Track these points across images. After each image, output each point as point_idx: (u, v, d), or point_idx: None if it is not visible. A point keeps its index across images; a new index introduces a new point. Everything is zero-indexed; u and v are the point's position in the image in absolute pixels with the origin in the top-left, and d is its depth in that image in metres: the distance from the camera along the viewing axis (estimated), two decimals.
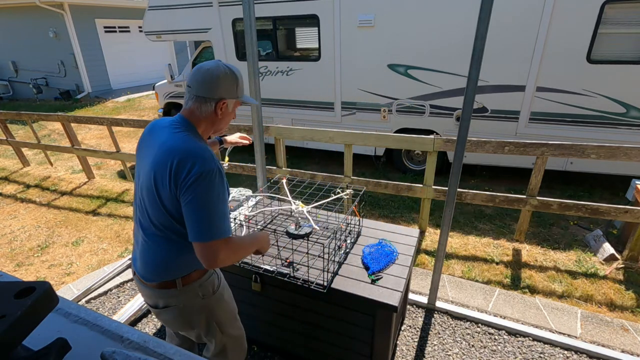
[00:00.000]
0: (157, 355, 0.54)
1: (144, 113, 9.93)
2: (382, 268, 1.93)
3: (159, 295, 1.39)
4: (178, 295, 1.38)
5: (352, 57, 4.85)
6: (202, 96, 1.30)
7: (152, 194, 1.26)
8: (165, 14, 5.99)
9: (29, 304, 0.43)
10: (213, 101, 1.30)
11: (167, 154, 1.21)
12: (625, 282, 2.92)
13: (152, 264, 1.35)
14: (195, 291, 1.40)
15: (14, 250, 3.75)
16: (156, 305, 1.43)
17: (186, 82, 1.35)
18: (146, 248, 1.34)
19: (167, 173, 1.20)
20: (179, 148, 1.22)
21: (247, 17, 2.28)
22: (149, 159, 1.27)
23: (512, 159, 4.42)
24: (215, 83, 1.28)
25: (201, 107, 1.31)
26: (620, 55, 3.79)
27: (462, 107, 1.93)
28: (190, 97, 1.32)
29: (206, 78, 1.28)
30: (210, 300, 1.45)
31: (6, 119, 5.97)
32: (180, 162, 1.19)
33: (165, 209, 1.25)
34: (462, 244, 3.50)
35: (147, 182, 1.27)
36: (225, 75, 1.30)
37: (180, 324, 1.45)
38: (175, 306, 1.39)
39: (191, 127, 1.32)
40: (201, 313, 1.44)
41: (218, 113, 1.33)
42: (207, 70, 1.28)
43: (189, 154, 1.20)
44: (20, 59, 12.54)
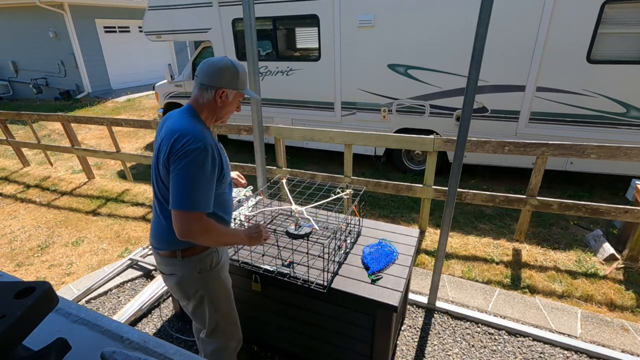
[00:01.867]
0: (157, 355, 0.54)
1: (144, 113, 9.93)
2: (382, 268, 1.93)
3: (164, 262, 1.55)
4: (178, 264, 1.52)
5: (352, 57, 4.85)
6: (204, 84, 1.44)
7: (156, 170, 1.42)
8: (165, 14, 5.99)
9: (29, 304, 0.43)
10: (213, 89, 1.44)
11: (170, 134, 1.35)
12: (625, 282, 2.91)
13: (156, 234, 1.52)
14: (194, 264, 1.52)
15: (14, 250, 3.75)
16: (163, 270, 1.59)
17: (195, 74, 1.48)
18: (155, 218, 1.53)
19: (166, 149, 1.34)
20: (179, 128, 1.36)
21: (247, 17, 2.28)
22: (158, 141, 1.43)
23: (512, 159, 4.42)
24: (216, 73, 1.42)
25: (203, 94, 1.45)
26: (620, 55, 3.79)
27: (462, 107, 1.93)
28: (196, 85, 1.47)
29: (210, 68, 1.43)
30: (206, 275, 1.56)
31: (6, 119, 5.97)
32: (178, 138, 1.33)
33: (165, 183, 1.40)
34: (462, 244, 3.50)
35: (155, 159, 1.43)
36: (226, 67, 1.43)
37: (179, 292, 1.59)
38: (176, 274, 1.54)
39: (194, 112, 1.47)
40: (197, 285, 1.56)
41: (218, 101, 1.46)
42: (212, 62, 1.43)
43: (185, 131, 1.34)
44: (20, 59, 12.54)
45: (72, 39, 11.25)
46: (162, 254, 1.54)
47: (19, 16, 11.67)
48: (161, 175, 1.40)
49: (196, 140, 1.32)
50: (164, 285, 2.84)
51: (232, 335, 1.76)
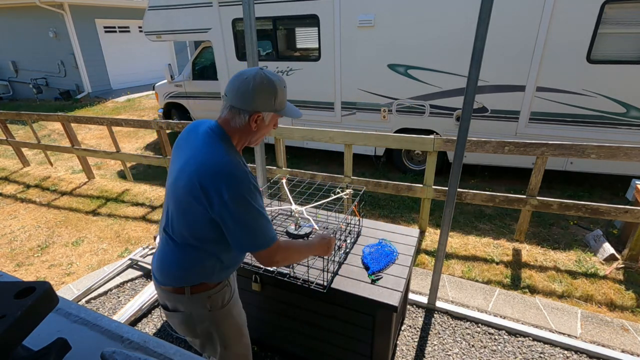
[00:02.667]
0: (157, 355, 0.54)
1: (144, 113, 9.93)
2: (382, 268, 1.93)
3: (167, 298, 1.39)
4: (186, 302, 1.36)
5: (352, 57, 4.85)
6: (236, 107, 1.23)
7: (178, 202, 1.24)
8: (165, 14, 5.99)
9: (29, 304, 0.43)
10: (247, 113, 1.23)
11: (198, 169, 1.18)
12: (625, 282, 2.91)
13: (165, 269, 1.34)
14: (203, 302, 1.36)
15: (14, 250, 3.75)
16: (165, 306, 1.43)
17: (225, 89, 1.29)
18: (164, 251, 1.35)
19: (198, 190, 1.17)
20: (209, 165, 1.18)
21: (247, 17, 2.28)
22: (179, 165, 1.25)
23: (512, 159, 4.42)
24: (250, 94, 1.21)
25: (235, 118, 1.25)
26: (620, 55, 3.79)
27: (462, 107, 1.93)
28: (225, 106, 1.26)
29: (242, 88, 1.21)
30: (217, 314, 1.41)
31: (6, 119, 5.97)
32: (212, 182, 1.16)
33: (191, 221, 1.24)
34: (462, 244, 3.50)
35: (174, 189, 1.25)
36: (262, 86, 1.21)
37: (185, 330, 1.44)
38: (182, 312, 1.38)
39: (226, 137, 1.26)
40: (206, 324, 1.41)
41: (252, 126, 1.26)
42: (245, 80, 1.21)
43: (219, 173, 1.17)
44: (20, 59, 12.54)
45: (72, 39, 11.25)
46: (167, 289, 1.36)
47: (19, 16, 11.67)
48: (186, 208, 1.23)
49: (235, 184, 1.16)
50: None
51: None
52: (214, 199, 1.16)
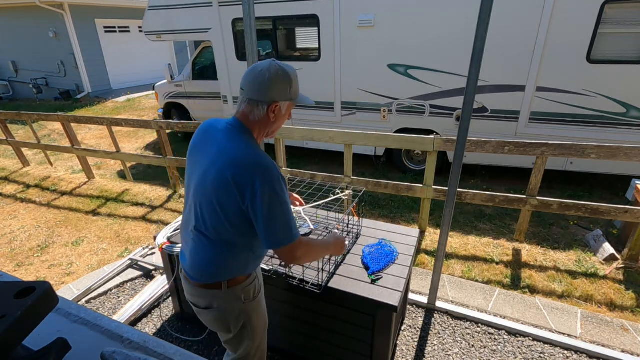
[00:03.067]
0: (157, 355, 0.54)
1: (144, 113, 9.93)
2: (382, 268, 1.93)
3: (201, 295, 1.40)
4: (221, 296, 1.38)
5: (352, 57, 4.85)
6: (254, 99, 1.26)
7: (209, 199, 1.25)
8: (165, 14, 5.99)
9: (29, 304, 0.43)
10: (265, 104, 1.27)
11: (228, 163, 1.21)
12: (625, 282, 2.91)
13: (201, 266, 1.35)
14: (238, 294, 1.39)
15: (14, 250, 3.75)
16: (197, 304, 1.43)
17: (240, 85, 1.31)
18: (197, 249, 1.34)
19: (230, 184, 1.19)
20: (240, 159, 1.21)
21: (247, 17, 2.28)
22: (205, 163, 1.27)
23: (512, 159, 4.42)
24: (266, 85, 1.24)
25: (253, 110, 1.28)
26: (620, 55, 3.79)
27: (462, 107, 1.93)
28: (243, 100, 1.29)
29: (258, 80, 1.24)
30: (249, 305, 1.44)
31: (6, 119, 5.97)
32: (244, 175, 1.19)
33: (224, 216, 1.25)
34: (462, 244, 3.50)
35: (203, 187, 1.26)
36: (277, 77, 1.25)
37: (219, 325, 1.46)
38: (217, 308, 1.40)
39: (246, 130, 1.30)
40: (240, 316, 1.43)
41: (271, 116, 1.29)
42: (260, 72, 1.24)
43: (251, 166, 1.20)
44: (20, 59, 12.54)
45: (72, 39, 11.25)
46: (203, 286, 1.37)
47: (19, 16, 11.67)
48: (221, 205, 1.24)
49: (267, 176, 1.20)
50: (164, 285, 2.84)
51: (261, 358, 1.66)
52: (246, 191, 1.19)
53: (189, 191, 1.37)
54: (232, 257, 1.33)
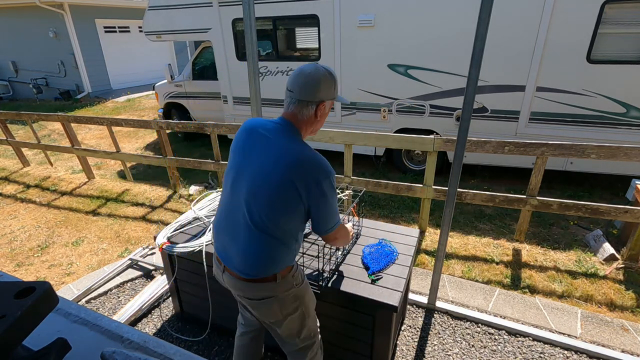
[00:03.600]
0: (157, 355, 0.54)
1: (144, 113, 9.93)
2: (382, 268, 1.93)
3: (257, 289, 1.44)
4: (276, 287, 1.44)
5: (352, 57, 4.85)
6: (303, 100, 1.36)
7: (270, 197, 1.32)
8: (165, 14, 5.99)
9: (29, 304, 0.43)
10: (314, 104, 1.37)
11: (294, 164, 1.31)
12: (625, 282, 2.91)
13: (258, 261, 1.39)
14: (290, 281, 1.47)
15: (14, 250, 3.75)
16: (253, 297, 1.46)
17: (287, 87, 1.39)
18: (252, 245, 1.38)
19: (294, 182, 1.29)
20: (303, 159, 1.32)
21: (247, 17, 2.28)
22: (264, 162, 1.34)
23: (512, 159, 4.42)
24: (316, 87, 1.35)
25: (302, 110, 1.38)
26: (620, 55, 3.79)
27: (462, 107, 1.93)
28: (292, 101, 1.38)
29: (309, 82, 1.34)
30: (300, 289, 1.53)
31: (6, 119, 5.97)
32: (307, 172, 1.31)
33: (283, 211, 1.34)
34: (462, 244, 3.50)
35: (263, 184, 1.33)
36: (325, 78, 1.36)
37: (275, 314, 1.49)
38: (274, 297, 1.45)
39: (296, 130, 1.40)
40: (295, 300, 1.51)
41: (318, 115, 1.40)
42: (309, 75, 1.35)
43: (314, 165, 1.33)
44: (20, 59, 12.54)
45: (72, 39, 11.25)
46: (261, 280, 1.42)
47: (19, 16, 11.67)
48: (284, 201, 1.32)
49: (327, 172, 1.34)
50: (164, 285, 2.84)
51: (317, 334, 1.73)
52: (310, 187, 1.31)
53: (237, 190, 1.40)
54: (285, 249, 1.41)
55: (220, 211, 1.52)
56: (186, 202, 4.60)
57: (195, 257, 2.12)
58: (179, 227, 2.35)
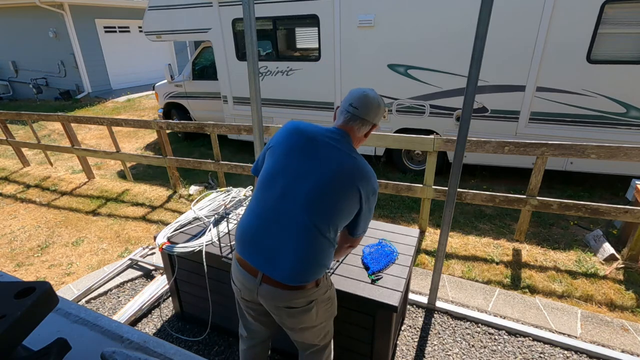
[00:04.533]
0: (157, 355, 0.54)
1: (144, 113, 9.93)
2: (382, 268, 1.93)
3: (299, 296, 1.41)
4: (316, 291, 1.45)
5: (352, 57, 4.85)
6: (366, 119, 1.48)
7: (338, 199, 1.38)
8: (165, 14, 5.99)
9: (29, 304, 0.43)
10: (370, 125, 1.51)
11: (359, 175, 1.40)
12: (625, 282, 2.91)
13: (304, 269, 1.38)
14: (327, 284, 1.53)
15: (14, 250, 3.75)
16: (294, 305, 1.42)
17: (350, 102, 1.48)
18: (308, 248, 1.37)
19: (357, 190, 1.38)
20: (366, 172, 1.42)
21: (247, 17, 2.28)
22: (324, 168, 1.38)
23: (512, 159, 4.42)
24: (377, 110, 1.50)
25: (361, 128, 1.49)
26: (620, 55, 3.79)
27: (462, 107, 1.93)
28: (355, 117, 1.47)
29: (373, 105, 1.48)
30: (332, 290, 1.59)
31: (6, 119, 5.97)
32: (368, 183, 1.42)
33: (339, 215, 1.40)
34: (462, 244, 3.50)
35: (325, 189, 1.36)
36: (382, 105, 1.52)
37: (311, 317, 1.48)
38: (315, 300, 1.46)
39: (352, 142, 1.50)
40: (328, 301, 1.56)
41: (367, 135, 1.54)
42: (373, 98, 1.49)
43: (373, 177, 1.45)
44: (20, 59, 12.54)
45: (72, 39, 11.25)
46: (302, 287, 1.40)
47: (19, 16, 11.66)
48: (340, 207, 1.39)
49: (376, 182, 1.48)
50: (164, 285, 2.84)
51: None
52: (370, 197, 1.43)
53: (292, 193, 1.38)
54: (332, 252, 1.46)
55: (259, 217, 1.42)
56: (186, 202, 4.60)
57: (195, 257, 2.12)
58: (179, 227, 2.35)
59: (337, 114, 1.53)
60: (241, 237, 1.45)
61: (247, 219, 1.46)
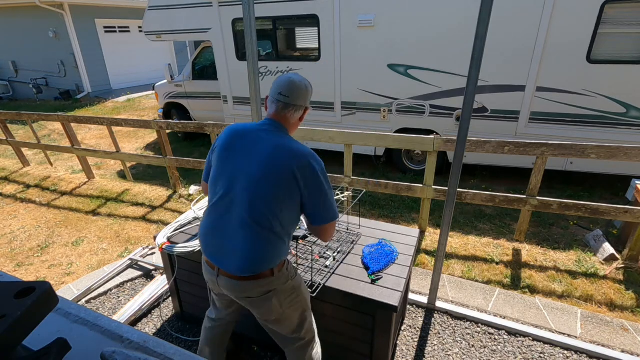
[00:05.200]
0: (157, 355, 0.54)
1: (144, 113, 9.93)
2: (382, 268, 1.93)
3: (254, 286, 1.47)
4: (274, 280, 1.48)
5: (352, 57, 4.85)
6: (297, 104, 1.50)
7: (271, 187, 1.39)
8: (165, 14, 5.99)
9: (29, 304, 0.43)
10: (302, 109, 1.54)
11: (291, 155, 1.40)
12: (625, 282, 2.91)
13: (256, 257, 1.43)
14: (286, 274, 1.53)
15: (14, 250, 3.75)
16: (251, 295, 1.49)
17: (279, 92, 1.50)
18: (250, 241, 1.42)
19: (293, 172, 1.38)
20: (298, 151, 1.42)
21: (247, 17, 2.28)
22: (260, 159, 1.41)
23: (512, 159, 4.42)
24: (305, 94, 1.52)
25: (293, 114, 1.52)
26: (620, 55, 3.79)
27: (462, 107, 1.93)
28: (284, 105, 1.50)
29: (300, 89, 1.50)
30: (295, 281, 1.59)
31: (6, 119, 5.97)
32: (303, 162, 1.40)
33: (285, 200, 1.41)
34: (462, 244, 3.50)
35: (261, 180, 1.40)
36: (309, 87, 1.54)
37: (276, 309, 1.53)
38: (273, 290, 1.49)
39: (286, 130, 1.52)
40: (293, 292, 1.56)
41: (302, 119, 1.58)
42: (300, 82, 1.50)
43: (306, 155, 1.42)
44: (20, 59, 12.54)
45: (72, 39, 11.25)
46: (259, 276, 1.45)
47: (19, 16, 11.66)
48: (281, 194, 1.39)
49: (318, 161, 1.44)
50: (164, 285, 2.84)
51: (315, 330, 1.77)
52: (308, 176, 1.40)
53: (233, 190, 1.44)
54: (281, 244, 1.47)
55: (210, 215, 1.52)
56: (186, 202, 4.60)
57: (195, 257, 2.12)
58: (179, 227, 2.35)
59: (268, 103, 1.55)
60: (200, 236, 1.57)
61: (204, 220, 1.56)
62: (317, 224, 1.47)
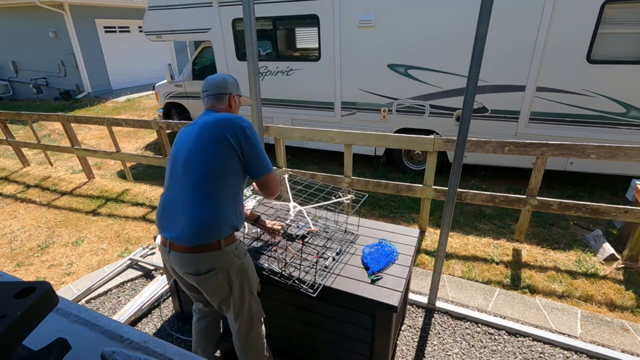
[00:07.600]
0: (157, 355, 0.54)
1: (144, 113, 9.93)
2: (382, 268, 1.93)
3: (202, 260, 1.54)
4: (220, 256, 1.56)
5: (352, 57, 4.85)
6: (218, 93, 1.75)
7: (207, 157, 1.54)
8: (165, 14, 5.99)
9: (29, 304, 0.43)
10: (226, 96, 1.77)
11: (218, 124, 1.59)
12: (625, 282, 2.91)
13: (201, 228, 1.52)
14: (234, 252, 1.61)
15: (14, 250, 3.75)
16: (198, 271, 1.56)
17: (202, 90, 1.78)
18: (197, 207, 1.53)
19: (225, 134, 1.54)
20: (225, 118, 1.61)
21: (247, 17, 2.28)
22: (195, 133, 1.59)
23: (512, 159, 4.42)
24: (223, 84, 1.77)
25: (220, 102, 1.76)
26: (620, 55, 3.79)
27: (462, 107, 1.93)
28: (209, 97, 1.76)
29: (217, 82, 1.76)
30: (244, 262, 1.67)
31: (6, 119, 5.97)
32: (233, 125, 1.57)
33: (223, 159, 1.55)
34: (462, 244, 3.50)
35: (198, 150, 1.56)
36: (226, 78, 1.79)
37: (221, 287, 1.61)
38: (220, 267, 1.57)
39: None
40: (238, 272, 1.63)
41: (232, 104, 1.79)
42: (216, 77, 1.79)
43: (233, 118, 1.60)
44: (20, 59, 12.54)
45: (72, 39, 11.25)
46: (198, 249, 1.52)
47: (19, 16, 11.66)
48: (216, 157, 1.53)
49: (245, 121, 1.62)
50: (164, 285, 2.84)
51: (261, 316, 1.83)
52: (240, 136, 1.56)
53: (177, 168, 1.60)
54: (226, 211, 1.57)
55: (162, 196, 1.66)
56: None
57: None
58: None
59: (203, 103, 1.79)
60: (156, 217, 1.68)
61: (158, 206, 1.68)
62: (257, 176, 1.64)
